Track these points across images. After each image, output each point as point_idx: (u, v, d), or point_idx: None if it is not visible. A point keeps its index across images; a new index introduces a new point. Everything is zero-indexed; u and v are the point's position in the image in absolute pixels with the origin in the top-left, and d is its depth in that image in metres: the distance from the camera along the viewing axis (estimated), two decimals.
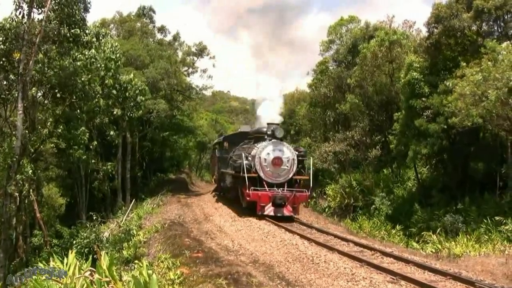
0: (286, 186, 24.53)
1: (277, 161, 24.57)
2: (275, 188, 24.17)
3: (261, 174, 24.53)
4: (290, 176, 24.89)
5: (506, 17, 28.23)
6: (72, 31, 24.91)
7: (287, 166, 24.73)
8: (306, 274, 12.73)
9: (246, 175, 23.71)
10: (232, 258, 14.80)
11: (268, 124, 26.43)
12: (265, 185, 24.30)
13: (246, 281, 11.70)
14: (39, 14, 24.33)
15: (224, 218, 25.48)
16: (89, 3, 26.02)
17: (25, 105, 23.78)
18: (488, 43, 25.03)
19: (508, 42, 25.77)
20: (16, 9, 23.51)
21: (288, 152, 24.93)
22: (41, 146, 28.57)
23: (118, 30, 53.54)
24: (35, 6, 23.93)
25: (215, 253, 15.60)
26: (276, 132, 25.19)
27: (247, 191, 23.56)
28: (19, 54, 23.37)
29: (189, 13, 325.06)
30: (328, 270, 13.18)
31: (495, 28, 29.37)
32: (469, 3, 27.86)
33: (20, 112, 22.77)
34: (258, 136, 27.46)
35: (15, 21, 23.70)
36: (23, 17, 23.54)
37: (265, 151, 24.74)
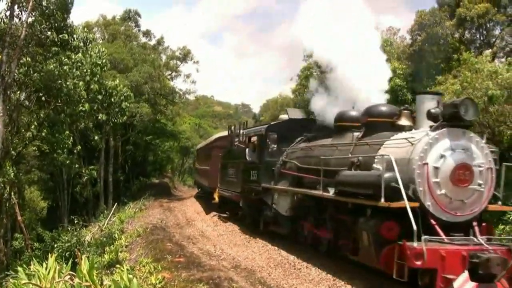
0: (478, 230, 11.17)
1: (464, 174, 11.08)
2: (475, 239, 10.95)
3: (427, 203, 11.03)
4: (484, 206, 11.61)
5: (488, 26, 28.57)
6: (60, 36, 24.86)
7: (480, 184, 11.26)
8: (287, 280, 12.73)
9: (408, 205, 10.38)
10: (214, 263, 14.78)
11: (418, 94, 13.37)
12: (437, 227, 10.91)
13: (227, 286, 11.70)
14: (29, 17, 24.32)
15: (207, 223, 25.44)
16: (70, 3, 25.89)
17: (7, 107, 23.64)
18: (464, 55, 25.36)
19: (490, 50, 26.08)
20: (7, 10, 23.53)
21: (479, 154, 11.42)
22: (23, 149, 28.44)
23: (102, 33, 53.42)
24: (24, 9, 23.85)
25: (197, 258, 15.57)
26: (462, 109, 11.04)
27: (415, 245, 10.09)
28: (0, 56, 23.26)
29: (179, 16, 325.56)
30: (310, 275, 13.18)
31: (478, 36, 29.71)
32: (452, 11, 28.20)
33: (1, 114, 22.61)
34: (373, 123, 13.97)
35: (3, 21, 23.67)
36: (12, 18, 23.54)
37: (435, 151, 11.16)
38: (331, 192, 13.49)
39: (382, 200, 10.85)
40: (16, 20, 23.90)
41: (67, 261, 14.96)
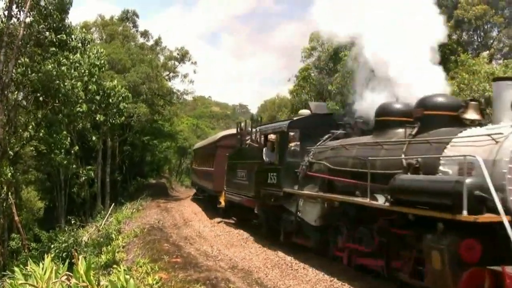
0: None
1: None
2: None
3: None
4: None
5: (485, 27, 28.62)
6: (58, 36, 24.88)
7: None
8: (284, 280, 12.71)
9: (505, 219, 7.97)
10: (211, 264, 14.75)
11: (495, 80, 11.36)
12: None
13: (224, 287, 11.66)
14: (27, 17, 24.41)
15: (204, 224, 25.41)
16: (68, 3, 25.87)
17: (5, 107, 23.64)
18: (461, 57, 25.40)
19: (488, 52, 26.14)
20: (5, 9, 23.60)
21: None
22: (21, 149, 28.44)
23: (100, 33, 53.39)
24: (22, 9, 23.87)
25: (194, 259, 15.53)
26: None
27: None
28: None
29: (178, 17, 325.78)
30: (307, 276, 13.17)
31: (475, 37, 29.77)
32: (450, 13, 28.20)
33: None
34: (432, 116, 11.29)
35: (1, 21, 23.71)
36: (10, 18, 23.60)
37: None
38: (381, 200, 11.14)
39: (465, 212, 8.29)
40: (14, 20, 23.95)
41: (64, 261, 14.92)
